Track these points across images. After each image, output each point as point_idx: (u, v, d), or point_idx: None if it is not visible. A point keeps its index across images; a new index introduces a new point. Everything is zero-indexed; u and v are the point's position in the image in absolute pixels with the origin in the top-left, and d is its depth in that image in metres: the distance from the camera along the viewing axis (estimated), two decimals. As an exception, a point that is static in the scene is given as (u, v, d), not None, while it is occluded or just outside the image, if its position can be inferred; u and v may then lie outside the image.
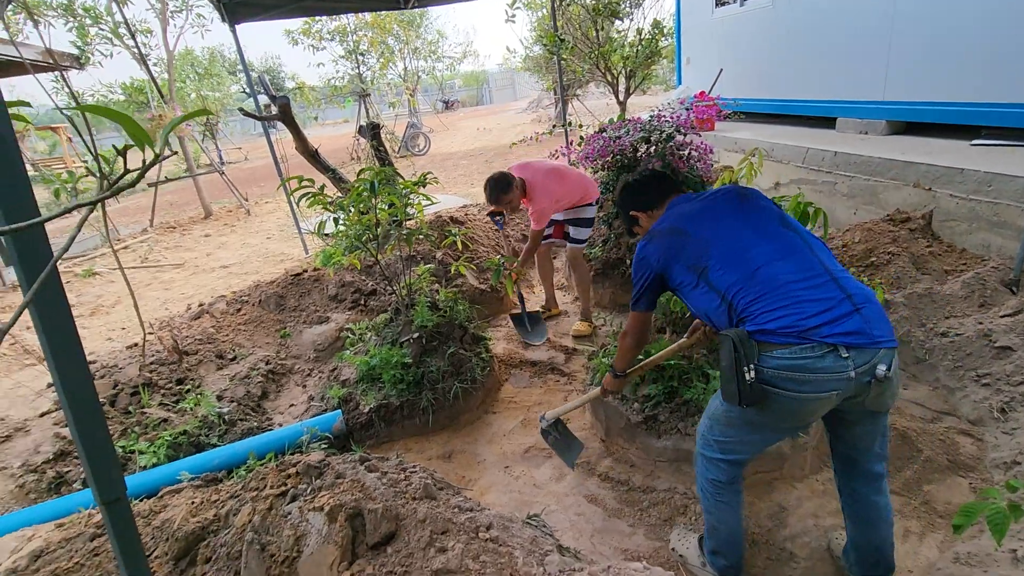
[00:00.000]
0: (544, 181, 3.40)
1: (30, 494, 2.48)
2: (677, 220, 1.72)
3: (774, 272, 1.48)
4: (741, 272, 1.51)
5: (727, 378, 1.46)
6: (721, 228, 1.63)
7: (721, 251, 1.57)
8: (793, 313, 1.41)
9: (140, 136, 0.44)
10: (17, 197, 0.64)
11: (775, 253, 1.52)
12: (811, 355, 1.37)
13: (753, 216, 1.64)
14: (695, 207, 1.74)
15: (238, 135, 23.71)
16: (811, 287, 1.44)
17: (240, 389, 3.18)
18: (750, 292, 1.47)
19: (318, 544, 1.50)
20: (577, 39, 7.32)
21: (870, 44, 4.86)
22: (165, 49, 8.57)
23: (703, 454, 1.74)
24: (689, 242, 1.63)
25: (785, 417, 1.50)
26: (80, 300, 5.55)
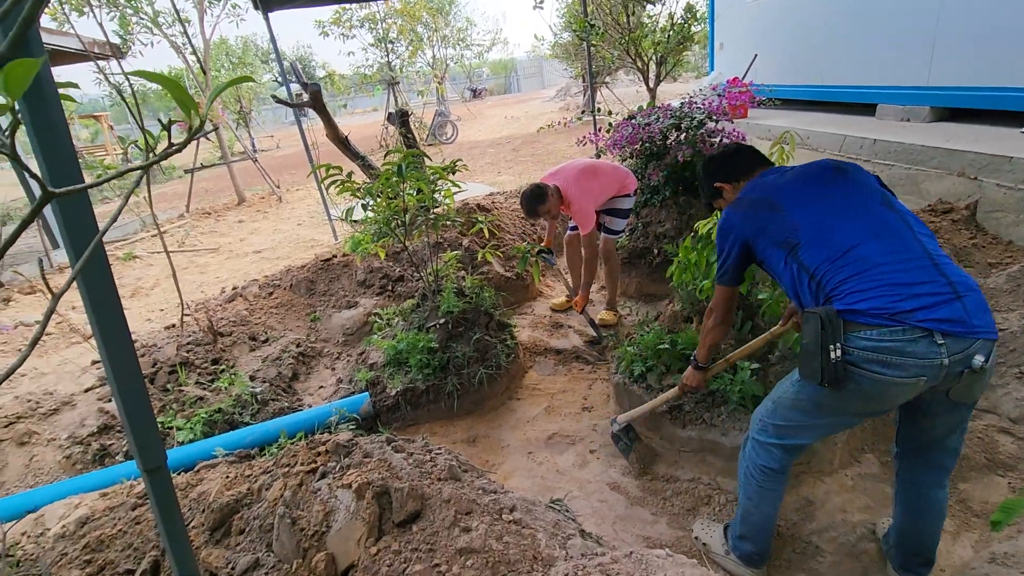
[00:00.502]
0: (578, 182, 3.33)
1: (76, 464, 2.61)
2: (768, 192, 1.64)
3: (868, 252, 1.41)
4: (832, 251, 1.45)
5: (810, 355, 1.41)
6: (815, 204, 1.54)
7: (813, 229, 1.50)
8: (886, 295, 1.35)
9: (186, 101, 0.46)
10: (67, 174, 0.68)
11: (871, 233, 1.44)
12: (902, 338, 1.32)
13: (851, 193, 1.55)
14: (788, 180, 1.65)
15: (270, 123, 24.14)
16: (909, 269, 1.38)
17: (272, 370, 3.27)
18: (841, 271, 1.42)
19: (346, 520, 1.54)
20: (607, 24, 7.20)
21: (915, 26, 4.65)
22: (202, 38, 8.75)
23: (757, 439, 1.70)
24: (779, 217, 1.56)
25: (865, 400, 1.44)
26: (121, 282, 5.76)
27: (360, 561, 1.47)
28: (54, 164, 0.68)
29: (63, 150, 0.69)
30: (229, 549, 1.68)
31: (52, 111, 0.72)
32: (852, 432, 2.27)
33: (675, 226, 3.91)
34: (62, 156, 0.69)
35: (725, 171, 1.84)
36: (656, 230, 3.99)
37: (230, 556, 1.64)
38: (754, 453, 1.71)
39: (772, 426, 1.65)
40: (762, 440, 1.68)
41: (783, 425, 1.62)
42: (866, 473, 2.23)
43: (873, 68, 5.19)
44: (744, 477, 1.76)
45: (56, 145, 0.69)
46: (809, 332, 1.42)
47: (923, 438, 1.60)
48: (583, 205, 3.31)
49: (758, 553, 1.79)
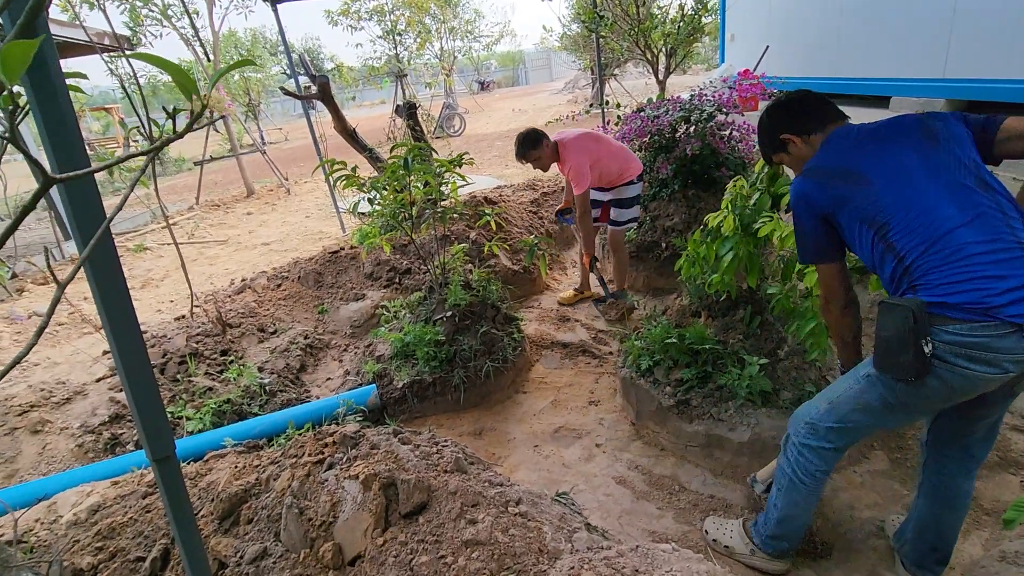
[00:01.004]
0: (575, 140, 3.36)
1: (88, 453, 2.65)
2: (848, 158, 1.49)
3: (961, 239, 1.32)
4: (925, 235, 1.35)
5: (895, 349, 1.34)
6: (906, 180, 1.40)
7: (905, 208, 1.38)
8: (980, 288, 1.28)
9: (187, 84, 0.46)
10: (73, 161, 0.68)
11: (964, 216, 1.34)
12: (992, 333, 1.26)
13: (944, 167, 1.40)
14: (872, 145, 1.48)
15: (279, 116, 24.19)
16: (1001, 260, 1.29)
17: (280, 361, 3.29)
18: (933, 259, 1.33)
19: (353, 510, 1.55)
20: (617, 16, 7.12)
21: (931, 17, 4.56)
22: (211, 31, 8.77)
23: (808, 444, 1.61)
24: (866, 190, 1.42)
25: (947, 395, 1.38)
26: (131, 273, 5.81)
27: (367, 552, 1.48)
28: (61, 151, 0.69)
29: (69, 138, 0.69)
30: (238, 538, 1.70)
31: (59, 98, 0.72)
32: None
33: (684, 220, 3.88)
34: (69, 143, 0.69)
35: (796, 121, 1.63)
36: (664, 223, 3.96)
37: (238, 545, 1.65)
38: (804, 459, 1.63)
39: (826, 429, 1.57)
40: (813, 444, 1.60)
41: (839, 427, 1.55)
42: (875, 470, 2.22)
43: (887, 60, 5.10)
44: (790, 484, 1.67)
45: (63, 133, 0.69)
46: (894, 324, 1.34)
47: (963, 428, 1.55)
48: (577, 160, 3.30)
49: (792, 548, 1.78)
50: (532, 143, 3.33)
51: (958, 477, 1.59)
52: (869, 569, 1.83)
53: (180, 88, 0.45)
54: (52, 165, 0.74)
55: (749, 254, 2.20)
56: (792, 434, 1.67)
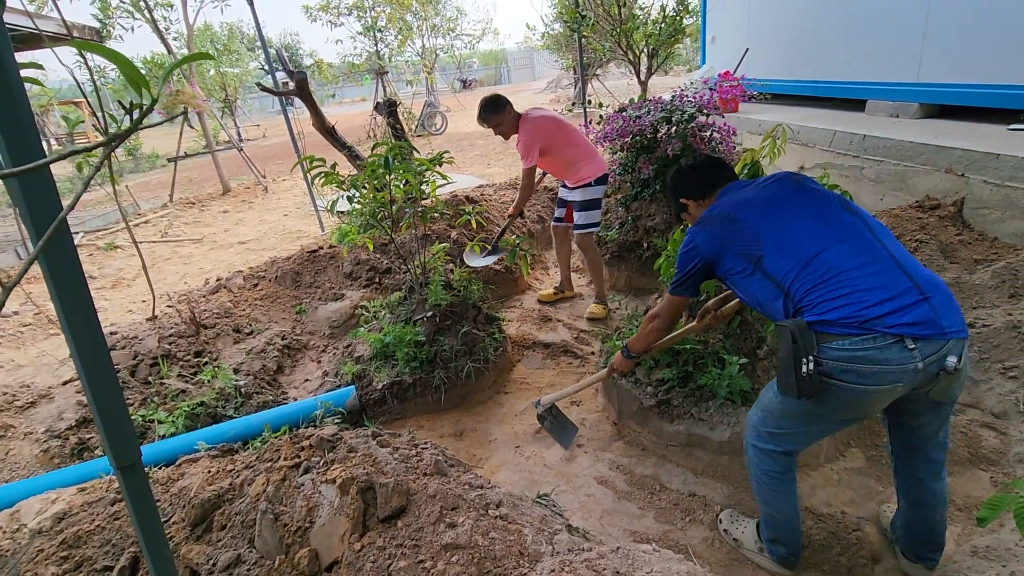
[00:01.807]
0: (537, 119, 3.39)
1: (54, 459, 2.56)
2: (730, 207, 1.66)
3: (833, 259, 1.41)
4: (797, 259, 1.45)
5: (785, 370, 1.41)
6: (777, 214, 1.56)
7: (776, 238, 1.51)
8: (854, 303, 1.35)
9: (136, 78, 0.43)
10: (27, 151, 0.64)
11: (834, 239, 1.45)
12: (873, 346, 1.32)
13: (811, 201, 1.57)
14: (749, 194, 1.68)
15: (256, 112, 23.76)
16: (873, 274, 1.38)
17: (256, 363, 3.22)
18: (807, 280, 1.42)
19: (330, 515, 1.52)
20: (599, 16, 7.14)
21: (905, 23, 4.67)
22: (185, 24, 8.57)
23: (756, 446, 1.69)
24: (742, 229, 1.58)
25: (844, 409, 1.46)
26: (102, 273, 5.65)
27: (344, 557, 1.45)
28: (13, 141, 0.65)
29: (23, 128, 0.65)
30: (210, 545, 1.65)
31: (10, 84, 0.68)
32: (838, 426, 2.28)
33: (665, 220, 3.90)
34: (22, 133, 0.65)
35: (689, 188, 1.88)
36: (646, 223, 3.98)
37: (211, 552, 1.60)
38: (757, 459, 1.70)
39: (766, 433, 1.65)
40: (760, 447, 1.68)
41: (776, 432, 1.62)
42: (851, 467, 2.25)
43: (864, 64, 5.21)
44: (755, 483, 1.75)
45: (16, 122, 0.65)
46: (782, 346, 1.41)
47: (912, 437, 1.61)
48: (528, 139, 3.34)
49: (792, 553, 1.79)
50: (495, 108, 3.38)
51: (926, 480, 1.63)
52: (846, 564, 1.85)
53: (128, 81, 0.42)
54: (5, 158, 0.70)
55: (729, 254, 2.21)
56: (747, 435, 1.74)
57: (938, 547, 1.71)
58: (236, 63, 14.41)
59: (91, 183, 3.61)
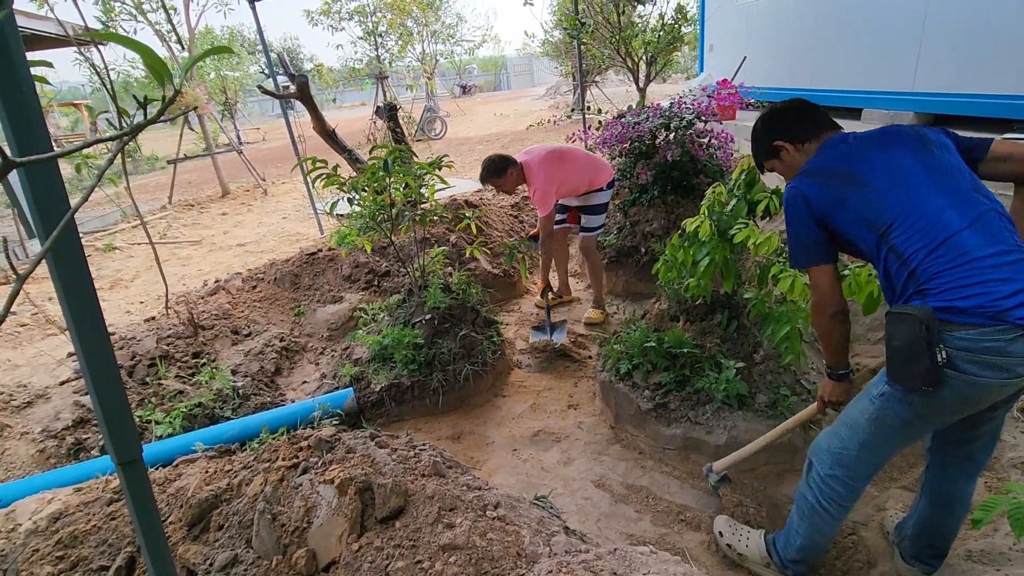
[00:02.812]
0: (541, 164, 3.34)
1: (50, 459, 2.55)
2: (846, 161, 1.49)
3: (966, 243, 1.31)
4: (930, 239, 1.33)
5: (907, 359, 1.32)
6: (905, 182, 1.40)
7: (907, 210, 1.37)
8: (988, 292, 1.27)
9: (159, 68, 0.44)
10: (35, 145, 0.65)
11: (966, 221, 1.33)
12: (1003, 338, 1.24)
13: (942, 172, 1.41)
14: (868, 149, 1.48)
15: (256, 116, 23.82)
16: (1004, 264, 1.29)
17: (254, 364, 3.22)
18: (938, 262, 1.32)
19: (328, 516, 1.52)
20: (598, 23, 7.20)
21: (901, 33, 4.71)
22: (187, 27, 8.60)
23: (835, 475, 1.57)
24: (865, 192, 1.42)
25: (957, 406, 1.37)
26: (100, 274, 5.64)
27: (341, 557, 1.45)
28: (22, 136, 0.66)
29: (32, 123, 0.66)
30: (207, 545, 1.65)
31: (23, 86, 0.69)
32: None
33: (663, 225, 3.92)
34: (31, 128, 0.66)
35: (790, 128, 1.63)
36: (644, 229, 4.00)
37: (208, 552, 1.60)
38: (829, 489, 1.59)
39: (853, 457, 1.54)
40: (839, 475, 1.57)
41: (865, 452, 1.52)
42: (847, 472, 2.25)
43: (860, 73, 5.25)
44: (812, 513, 1.64)
45: (25, 117, 0.66)
46: (904, 334, 1.32)
47: (967, 435, 1.55)
48: (540, 186, 3.30)
49: (810, 571, 1.76)
50: (496, 171, 3.32)
51: (960, 481, 1.60)
52: (842, 568, 1.85)
53: (151, 72, 0.43)
54: (14, 153, 0.71)
55: (725, 259, 2.23)
56: (816, 464, 1.63)
57: (942, 554, 1.71)
58: (237, 66, 14.45)
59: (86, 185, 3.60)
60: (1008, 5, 3.86)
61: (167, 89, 0.44)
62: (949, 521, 1.66)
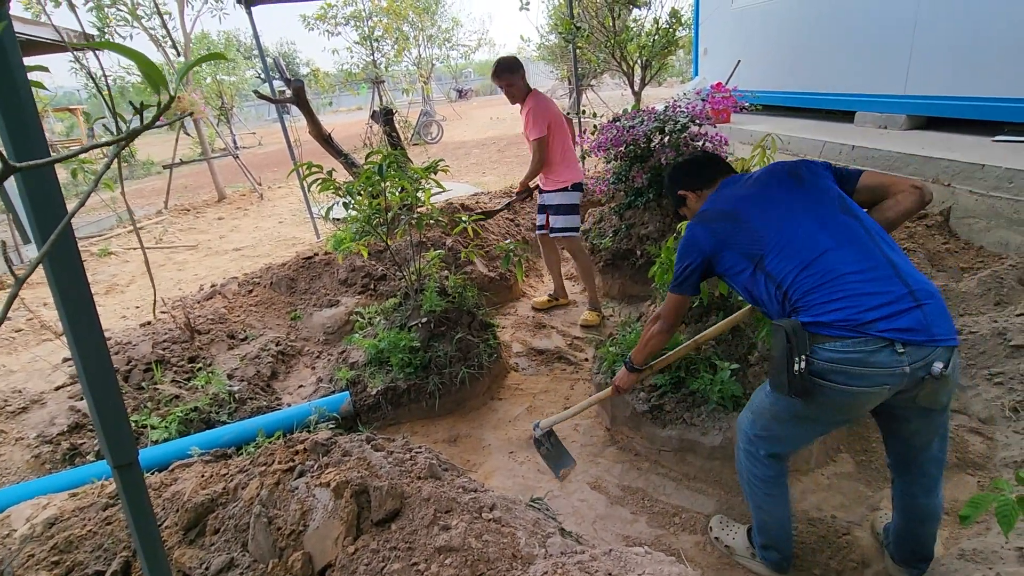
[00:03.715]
0: (547, 99, 3.54)
1: (45, 464, 2.54)
2: (730, 203, 1.66)
3: (833, 262, 1.43)
4: (798, 261, 1.47)
5: (778, 368, 1.44)
6: (778, 214, 1.56)
7: (778, 239, 1.52)
8: (851, 306, 1.37)
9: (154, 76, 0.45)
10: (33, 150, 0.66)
11: (834, 242, 1.46)
12: (865, 349, 1.35)
13: (811, 201, 1.57)
14: (749, 190, 1.66)
15: (253, 120, 23.80)
16: (871, 279, 1.40)
17: (250, 369, 3.22)
18: (807, 282, 1.44)
19: (324, 519, 1.52)
20: (593, 27, 7.23)
21: (893, 37, 4.76)
22: (182, 32, 8.61)
23: (748, 450, 1.71)
24: (743, 228, 1.58)
25: (833, 410, 1.48)
26: (95, 279, 5.63)
27: (337, 560, 1.45)
28: (19, 140, 0.67)
29: (29, 127, 0.67)
30: (203, 549, 1.65)
31: (19, 90, 0.70)
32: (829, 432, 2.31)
33: (658, 228, 3.94)
34: (28, 132, 0.67)
35: (688, 180, 1.88)
36: (640, 232, 4.02)
37: (204, 556, 1.61)
38: (749, 464, 1.71)
39: (755, 437, 1.67)
40: (751, 451, 1.69)
41: (765, 436, 1.64)
42: (841, 472, 2.27)
43: (852, 76, 5.30)
44: (747, 488, 1.76)
45: (21, 121, 0.67)
46: (776, 345, 1.45)
47: (906, 448, 1.62)
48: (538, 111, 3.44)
49: (785, 559, 1.80)
50: (512, 67, 3.47)
51: (919, 496, 1.65)
52: (836, 567, 1.87)
53: (147, 79, 0.44)
54: (10, 157, 0.72)
55: (720, 261, 2.25)
56: (738, 439, 1.75)
57: (926, 558, 1.74)
58: (233, 71, 14.45)
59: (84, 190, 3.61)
60: (997, 11, 3.91)
61: (162, 95, 0.45)
62: (922, 531, 1.70)
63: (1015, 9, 3.78)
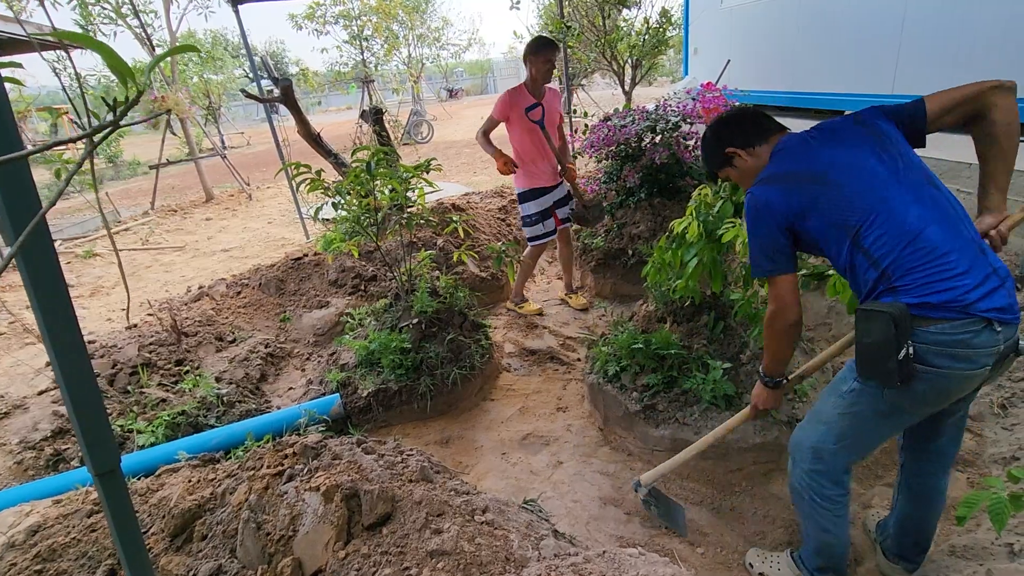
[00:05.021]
0: None
1: (28, 471, 2.49)
2: (808, 164, 1.48)
3: (933, 239, 1.33)
4: (900, 238, 1.35)
5: (879, 356, 1.33)
6: (871, 182, 1.40)
7: (876, 210, 1.37)
8: (956, 286, 1.30)
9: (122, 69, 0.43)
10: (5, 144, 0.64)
11: (930, 217, 1.35)
12: (972, 329, 1.28)
13: (902, 170, 1.42)
14: (828, 150, 1.47)
15: (241, 120, 23.58)
16: (966, 258, 1.32)
17: (239, 371, 3.18)
18: (909, 260, 1.34)
19: (314, 524, 1.50)
20: (584, 27, 7.24)
21: (881, 37, 4.80)
22: (168, 30, 8.50)
23: (814, 470, 1.58)
24: (833, 193, 1.41)
25: (933, 396, 1.39)
26: (81, 281, 5.54)
27: (328, 565, 1.43)
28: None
29: (3, 123, 0.65)
30: (190, 556, 1.62)
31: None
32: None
33: (650, 227, 3.94)
34: (2, 127, 0.65)
35: (740, 134, 1.63)
36: (631, 231, 4.02)
37: (191, 563, 1.57)
38: (817, 484, 1.59)
39: (831, 451, 1.55)
40: (818, 470, 1.58)
41: (843, 445, 1.53)
42: (833, 470, 2.27)
43: (841, 76, 5.34)
44: (810, 511, 1.63)
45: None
46: (877, 331, 1.33)
47: (933, 428, 1.58)
48: None
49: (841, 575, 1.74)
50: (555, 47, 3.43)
51: (934, 476, 1.64)
52: (829, 567, 1.87)
53: (113, 72, 0.42)
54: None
55: (712, 260, 2.25)
56: (799, 459, 1.64)
57: (924, 549, 1.73)
58: (220, 70, 14.31)
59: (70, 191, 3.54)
60: (983, 11, 3.95)
61: (130, 88, 0.43)
62: (929, 515, 1.69)
63: (1001, 9, 3.83)
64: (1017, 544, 1.67)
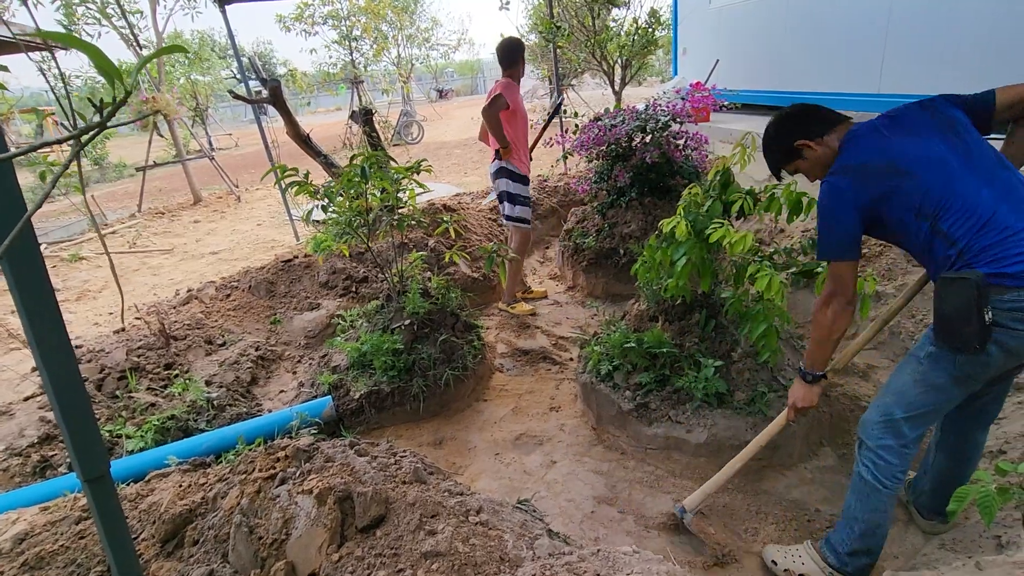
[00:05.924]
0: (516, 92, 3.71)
1: (14, 478, 2.45)
2: (883, 154, 1.55)
3: (1005, 219, 1.43)
4: (974, 220, 1.44)
5: (960, 321, 1.42)
6: (945, 170, 1.49)
7: (950, 196, 1.47)
8: None
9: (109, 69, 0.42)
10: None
11: (1001, 198, 1.45)
12: None
13: (973, 155, 1.51)
14: (901, 140, 1.56)
15: (229, 121, 23.38)
16: None
17: (229, 374, 3.15)
18: (983, 240, 1.43)
19: (307, 527, 1.49)
20: (573, 27, 7.26)
21: (867, 38, 4.85)
22: (154, 31, 8.41)
23: (885, 444, 1.62)
24: (913, 182, 1.50)
25: (1002, 359, 1.46)
26: (67, 285, 5.47)
27: (321, 569, 1.42)
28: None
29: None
30: (182, 561, 1.60)
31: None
32: (811, 426, 2.34)
33: (641, 226, 3.95)
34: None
35: (807, 126, 1.70)
36: (622, 230, 4.03)
37: (182, 569, 1.56)
38: (882, 462, 1.63)
39: (901, 420, 1.60)
40: (890, 443, 1.62)
41: (913, 415, 1.59)
42: (824, 466, 2.30)
43: (828, 76, 5.39)
44: (872, 490, 1.66)
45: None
46: (959, 298, 1.42)
47: (983, 390, 1.64)
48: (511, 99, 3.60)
49: (873, 562, 1.75)
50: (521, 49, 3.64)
51: (975, 431, 1.73)
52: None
53: (101, 73, 0.42)
54: (-35, 160, 0.68)
55: (702, 259, 2.26)
56: (866, 439, 1.67)
57: None
58: (208, 71, 14.18)
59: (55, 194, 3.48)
60: (969, 11, 4.01)
61: (117, 89, 0.43)
62: (968, 470, 1.77)
63: (987, 8, 3.88)
64: (1004, 536, 1.69)
